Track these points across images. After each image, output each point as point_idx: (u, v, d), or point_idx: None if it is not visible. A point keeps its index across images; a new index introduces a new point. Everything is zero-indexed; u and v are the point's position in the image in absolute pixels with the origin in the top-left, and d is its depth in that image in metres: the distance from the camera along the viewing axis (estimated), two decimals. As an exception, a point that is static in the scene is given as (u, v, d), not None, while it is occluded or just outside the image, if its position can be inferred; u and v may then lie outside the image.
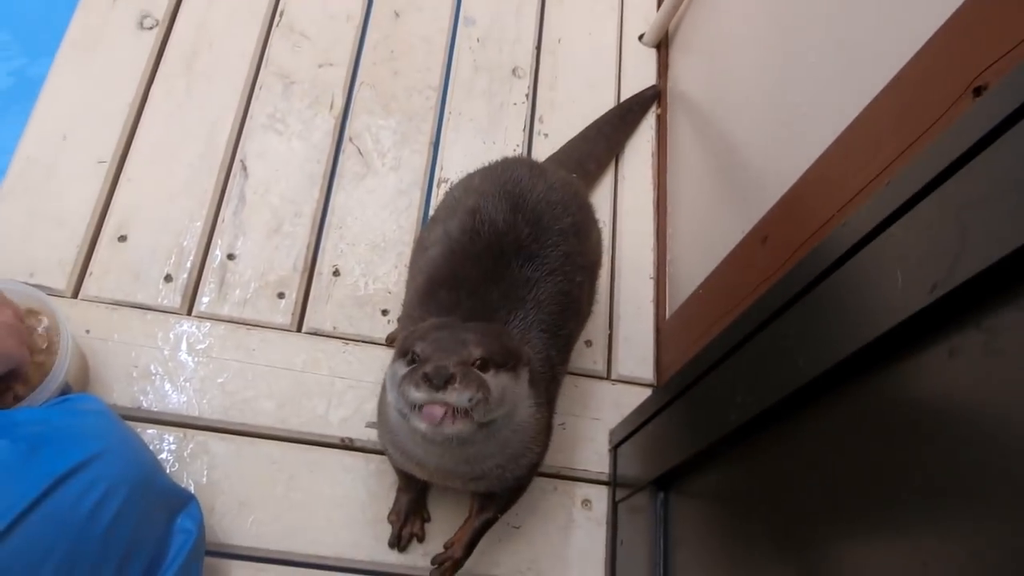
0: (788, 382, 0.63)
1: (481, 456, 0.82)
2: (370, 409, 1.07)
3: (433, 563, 0.95)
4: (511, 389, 0.77)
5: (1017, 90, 0.44)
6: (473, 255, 0.90)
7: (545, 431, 0.91)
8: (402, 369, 0.74)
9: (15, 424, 0.81)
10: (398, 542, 1.02)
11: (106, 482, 0.79)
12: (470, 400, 0.71)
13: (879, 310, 0.53)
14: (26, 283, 0.99)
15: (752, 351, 0.72)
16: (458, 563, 0.95)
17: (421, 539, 1.03)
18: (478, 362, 0.73)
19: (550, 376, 0.93)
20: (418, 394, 0.70)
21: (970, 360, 0.46)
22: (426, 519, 1.04)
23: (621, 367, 1.20)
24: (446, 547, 0.96)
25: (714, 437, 0.77)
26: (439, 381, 0.70)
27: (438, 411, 0.70)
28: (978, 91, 0.59)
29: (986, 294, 0.45)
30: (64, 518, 0.75)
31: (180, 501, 0.89)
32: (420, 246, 1.02)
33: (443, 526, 1.03)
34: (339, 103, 1.32)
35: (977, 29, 0.61)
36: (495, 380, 0.74)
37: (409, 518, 1.02)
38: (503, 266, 0.90)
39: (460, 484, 0.89)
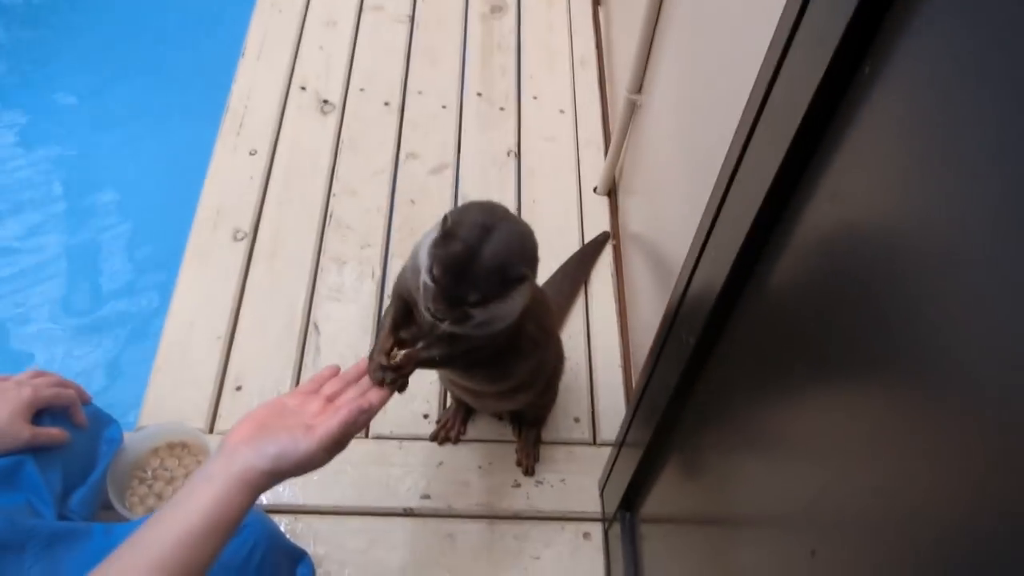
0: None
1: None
2: (424, 479, 1.50)
3: (518, 464, 1.53)
4: (498, 310, 1.04)
5: None
6: None
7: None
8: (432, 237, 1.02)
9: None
10: (436, 437, 1.54)
11: (253, 539, 1.20)
12: (457, 327, 1.03)
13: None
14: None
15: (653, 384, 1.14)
16: (536, 459, 1.54)
17: (455, 442, 1.55)
18: (474, 300, 1.00)
19: None
20: (426, 316, 1.02)
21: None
22: (462, 433, 1.55)
23: (603, 434, 1.60)
24: (520, 461, 1.54)
25: (641, 451, 1.18)
26: (439, 317, 1.00)
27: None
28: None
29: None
30: (230, 564, 1.18)
31: (299, 554, 1.31)
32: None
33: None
34: (378, 273, 1.82)
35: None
36: (484, 311, 1.01)
37: (453, 423, 1.54)
38: None
39: (492, 401, 1.37)
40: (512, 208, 1.92)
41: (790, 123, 0.62)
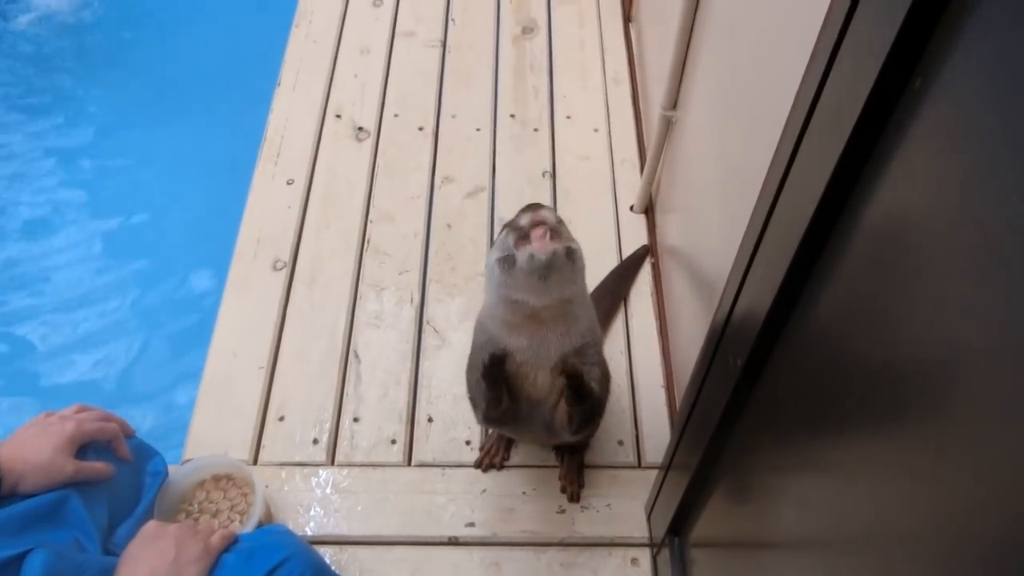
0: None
1: (565, 287, 1.12)
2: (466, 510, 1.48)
3: (562, 491, 1.51)
4: (574, 241, 1.12)
5: None
6: None
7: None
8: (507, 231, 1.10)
9: (236, 543, 1.25)
10: (480, 464, 1.53)
11: (299, 571, 1.21)
12: (557, 219, 1.09)
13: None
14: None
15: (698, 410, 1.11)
16: (580, 485, 1.51)
17: (499, 468, 1.53)
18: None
19: None
20: (525, 216, 1.07)
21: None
22: (506, 458, 1.53)
23: (648, 457, 1.57)
24: (564, 488, 1.51)
25: (689, 474, 1.15)
26: (536, 207, 1.09)
27: (540, 231, 1.05)
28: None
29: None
30: (275, 596, 1.17)
31: None
32: None
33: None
34: (416, 298, 1.81)
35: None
36: (565, 237, 1.09)
37: (496, 450, 1.53)
38: None
39: (543, 433, 1.33)
40: (549, 229, 1.91)
41: (838, 139, 0.60)
